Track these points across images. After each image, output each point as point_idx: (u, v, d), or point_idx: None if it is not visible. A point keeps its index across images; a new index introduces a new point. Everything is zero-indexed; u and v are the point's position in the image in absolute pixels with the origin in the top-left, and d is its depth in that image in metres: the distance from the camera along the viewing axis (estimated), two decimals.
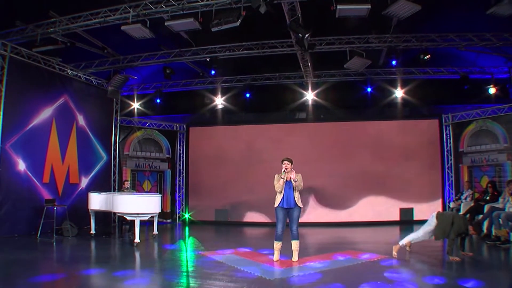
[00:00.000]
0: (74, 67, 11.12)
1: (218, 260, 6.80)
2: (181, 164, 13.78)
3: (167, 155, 13.54)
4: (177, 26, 8.04)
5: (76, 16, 8.83)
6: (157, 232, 9.58)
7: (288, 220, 6.79)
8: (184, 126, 14.02)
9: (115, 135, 12.35)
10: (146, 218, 8.51)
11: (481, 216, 9.03)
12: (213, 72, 11.27)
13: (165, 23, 8.02)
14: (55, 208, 8.89)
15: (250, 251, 7.69)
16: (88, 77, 11.42)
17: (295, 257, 6.71)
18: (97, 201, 9.01)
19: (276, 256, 6.78)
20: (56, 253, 7.56)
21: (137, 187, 12.70)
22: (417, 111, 12.77)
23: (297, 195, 6.75)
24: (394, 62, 10.19)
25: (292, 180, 6.67)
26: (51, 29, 8.98)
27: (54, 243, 8.35)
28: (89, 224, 9.49)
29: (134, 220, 8.45)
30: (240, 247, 8.09)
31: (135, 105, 13.49)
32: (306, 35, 8.35)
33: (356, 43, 10.28)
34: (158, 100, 13.46)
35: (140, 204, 8.23)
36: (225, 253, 7.52)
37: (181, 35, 10.15)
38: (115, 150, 12.28)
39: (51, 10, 8.79)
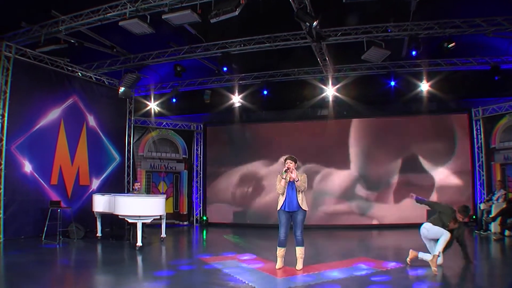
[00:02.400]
0: (86, 67, 11.07)
1: (216, 267, 6.35)
2: (199, 165, 13.47)
3: (184, 156, 13.25)
4: (175, 19, 7.67)
5: (77, 14, 8.68)
6: (165, 235, 9.27)
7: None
8: (201, 125, 13.71)
9: (129, 136, 12.18)
10: (149, 221, 8.19)
11: None
12: (225, 69, 10.83)
13: (163, 16, 7.68)
14: (58, 210, 8.74)
15: (255, 258, 7.19)
16: (99, 77, 11.30)
17: (299, 265, 6.15)
18: (100, 203, 8.81)
19: (278, 264, 6.25)
20: (47, 257, 7.29)
21: (152, 189, 12.50)
22: (445, 105, 11.85)
23: (301, 197, 6.20)
24: (414, 53, 9.34)
25: (294, 181, 6.15)
26: (54, 29, 8.87)
27: (58, 246, 8.20)
28: (96, 226, 9.30)
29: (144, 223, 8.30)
30: (246, 253, 7.62)
31: (152, 105, 13.27)
32: (314, 24, 7.77)
33: (373, 32, 9.57)
34: (174, 100, 13.19)
35: (141, 206, 7.90)
36: (228, 259, 7.11)
37: (190, 31, 9.92)
38: (128, 151, 12.12)
39: (53, 9, 8.68)
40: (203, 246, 9.59)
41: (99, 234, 9.23)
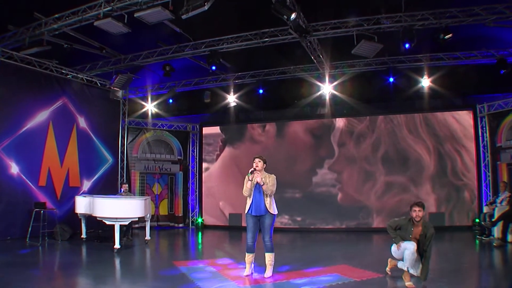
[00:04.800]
0: (79, 69, 11.06)
1: (184, 273, 6.12)
2: (194, 166, 13.27)
3: (179, 157, 13.06)
4: (148, 17, 7.49)
5: (59, 16, 8.62)
6: (149, 238, 9.13)
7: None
8: (197, 126, 13.51)
9: (122, 137, 12.11)
10: (126, 223, 8.06)
11: None
12: (214, 67, 10.54)
13: (135, 15, 7.52)
14: (42, 212, 8.74)
15: (229, 263, 6.91)
16: (90, 79, 11.24)
17: (267, 273, 5.84)
18: (82, 205, 8.73)
19: (247, 271, 5.97)
20: (19, 258, 7.17)
21: (146, 190, 12.37)
22: (448, 101, 11.14)
23: (268, 201, 5.90)
24: (407, 45, 8.76)
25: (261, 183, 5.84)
26: (38, 31, 8.85)
27: (40, 247, 8.20)
28: (81, 228, 9.25)
29: (130, 224, 8.61)
30: (225, 258, 7.37)
31: (149, 106, 13.15)
32: (292, 17, 7.40)
33: (364, 25, 9.06)
34: (171, 101, 13.05)
35: (117, 208, 7.77)
36: (200, 264, 6.87)
37: (176, 30, 9.77)
38: (122, 152, 12.04)
39: (36, 12, 8.66)
40: (185, 250, 9.41)
41: (83, 235, 9.17)
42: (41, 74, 9.90)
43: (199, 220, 12.77)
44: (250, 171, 5.91)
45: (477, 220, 9.82)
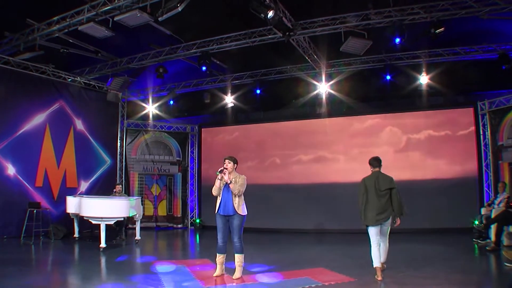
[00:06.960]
0: (78, 73, 11.31)
1: (155, 272, 6.18)
2: (193, 167, 13.32)
3: (177, 158, 13.11)
4: (128, 20, 7.54)
5: (50, 22, 8.82)
6: (140, 237, 9.21)
7: None
8: (197, 127, 13.56)
9: (121, 139, 12.29)
10: (112, 223, 8.17)
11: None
12: (204, 68, 10.52)
13: (115, 19, 7.62)
14: (34, 211, 8.99)
15: (209, 263, 6.84)
16: (88, 82, 11.46)
17: (236, 274, 5.79)
18: (72, 204, 8.91)
19: (217, 271, 5.94)
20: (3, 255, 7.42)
21: (145, 191, 12.49)
22: (448, 99, 10.70)
23: (237, 201, 5.88)
24: (398, 40, 8.46)
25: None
26: (31, 37, 9.10)
27: (33, 246, 8.43)
28: (73, 227, 9.45)
29: (122, 223, 8.93)
30: (204, 258, 7.38)
31: (150, 107, 13.30)
32: (269, 15, 7.28)
33: (353, 21, 8.82)
34: (172, 102, 13.15)
35: (103, 208, 7.90)
36: (178, 264, 6.87)
37: (166, 32, 9.86)
38: (120, 154, 12.22)
39: (28, 18, 8.90)
40: (172, 250, 9.48)
41: (76, 235, 9.36)
42: (38, 78, 10.18)
43: (197, 220, 12.79)
44: (219, 170, 5.89)
45: (476, 222, 9.34)
